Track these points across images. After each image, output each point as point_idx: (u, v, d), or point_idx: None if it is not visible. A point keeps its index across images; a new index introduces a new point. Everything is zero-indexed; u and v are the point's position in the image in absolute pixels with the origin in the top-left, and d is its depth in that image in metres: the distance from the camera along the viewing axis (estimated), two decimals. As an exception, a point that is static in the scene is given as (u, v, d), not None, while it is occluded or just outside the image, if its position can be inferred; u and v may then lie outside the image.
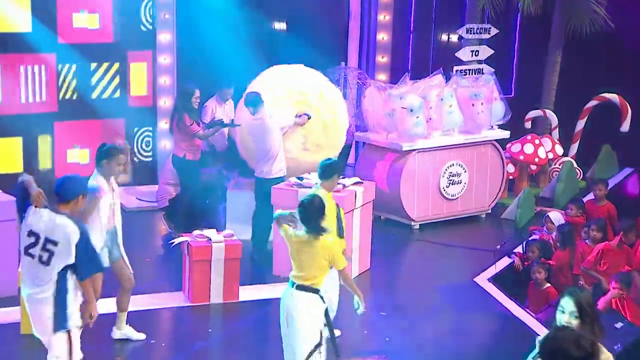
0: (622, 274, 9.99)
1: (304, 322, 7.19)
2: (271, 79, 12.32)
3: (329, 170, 8.61)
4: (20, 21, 13.22)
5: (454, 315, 10.16)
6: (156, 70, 14.46)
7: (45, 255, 6.79)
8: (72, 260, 6.75)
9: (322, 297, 7.30)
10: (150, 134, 14.57)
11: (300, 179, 10.96)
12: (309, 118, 11.81)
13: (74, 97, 13.88)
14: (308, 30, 14.43)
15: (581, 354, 4.69)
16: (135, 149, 14.31)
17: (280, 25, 15.46)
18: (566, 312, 5.50)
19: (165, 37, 14.37)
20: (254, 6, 14.34)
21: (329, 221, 7.81)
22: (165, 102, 14.24)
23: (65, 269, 6.80)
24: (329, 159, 9.07)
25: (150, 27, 14.36)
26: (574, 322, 5.46)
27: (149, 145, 14.60)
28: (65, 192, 6.95)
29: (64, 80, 13.84)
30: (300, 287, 7.23)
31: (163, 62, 14.42)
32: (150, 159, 14.55)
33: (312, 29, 14.43)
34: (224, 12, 14.06)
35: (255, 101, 11.26)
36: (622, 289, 9.61)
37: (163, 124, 14.02)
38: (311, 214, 7.35)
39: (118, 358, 8.32)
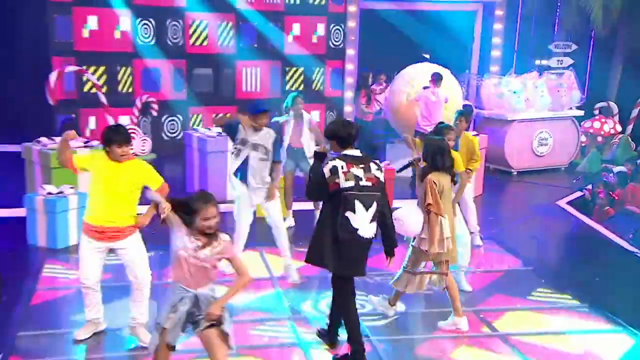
0: None
1: None
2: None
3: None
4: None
5: (542, 222, 9.36)
6: (344, 74, 14.17)
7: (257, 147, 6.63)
8: (270, 147, 6.60)
9: None
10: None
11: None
12: None
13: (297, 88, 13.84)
14: (446, 50, 13.77)
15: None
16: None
17: (427, 48, 14.85)
18: None
19: (350, 51, 14.06)
20: (410, 35, 13.85)
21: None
22: (349, 94, 13.91)
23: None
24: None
25: (338, 45, 14.06)
26: None
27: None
28: (254, 107, 6.64)
29: (290, 78, 13.81)
30: None
31: (349, 68, 14.10)
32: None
33: (448, 50, 13.77)
34: (387, 40, 13.61)
35: (439, 78, 10.44)
36: None
37: (347, 108, 13.75)
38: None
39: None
